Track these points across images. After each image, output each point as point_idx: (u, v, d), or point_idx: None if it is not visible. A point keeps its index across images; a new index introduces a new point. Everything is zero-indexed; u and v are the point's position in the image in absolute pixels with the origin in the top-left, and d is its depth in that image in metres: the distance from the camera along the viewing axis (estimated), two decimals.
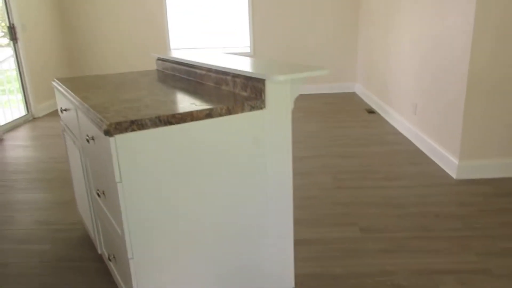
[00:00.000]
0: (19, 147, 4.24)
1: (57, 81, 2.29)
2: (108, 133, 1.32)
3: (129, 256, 1.46)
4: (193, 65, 2.14)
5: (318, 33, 6.33)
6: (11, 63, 5.20)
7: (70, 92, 1.93)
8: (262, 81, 1.60)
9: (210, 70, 1.98)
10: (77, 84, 2.14)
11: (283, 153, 1.72)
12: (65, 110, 2.14)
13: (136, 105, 1.57)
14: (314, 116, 5.11)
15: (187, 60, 2.18)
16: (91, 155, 1.76)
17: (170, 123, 1.43)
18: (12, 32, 5.04)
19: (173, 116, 1.43)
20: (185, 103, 1.58)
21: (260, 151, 1.66)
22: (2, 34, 5.31)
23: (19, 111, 5.36)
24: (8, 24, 5.03)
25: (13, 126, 5.05)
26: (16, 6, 5.01)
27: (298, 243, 2.30)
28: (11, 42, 5.08)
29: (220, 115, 1.52)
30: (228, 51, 6.40)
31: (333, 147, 3.91)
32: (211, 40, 6.42)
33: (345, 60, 6.46)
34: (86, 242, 2.37)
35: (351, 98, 6.09)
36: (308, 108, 5.56)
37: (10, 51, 5.10)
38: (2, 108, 5.14)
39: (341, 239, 2.33)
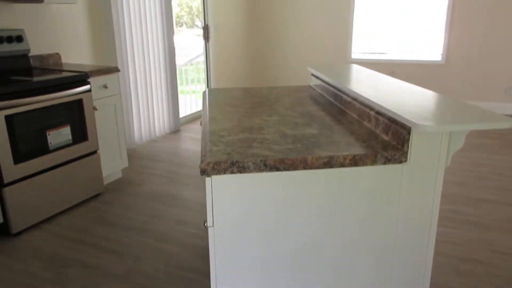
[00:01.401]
0: (192, 139, 4.62)
1: (206, 92, 2.30)
2: (204, 172, 1.17)
3: None
4: (339, 88, 1.85)
5: None
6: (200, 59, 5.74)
7: (206, 108, 1.87)
8: (407, 128, 1.21)
9: (355, 99, 1.66)
10: (220, 97, 2.09)
11: (423, 221, 1.30)
12: None
13: (253, 137, 1.39)
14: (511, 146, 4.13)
15: (330, 82, 1.90)
16: None
17: (277, 169, 1.20)
18: (206, 32, 5.53)
19: (282, 161, 1.19)
20: (309, 141, 1.32)
21: (392, 210, 1.28)
22: (199, 32, 5.89)
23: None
24: (203, 25, 5.54)
25: (194, 118, 5.59)
26: (212, 7, 5.47)
27: None
28: (204, 41, 5.59)
29: (342, 165, 1.21)
30: (416, 58, 5.73)
31: None
32: (398, 45, 5.84)
33: None
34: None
35: None
36: (506, 135, 4.54)
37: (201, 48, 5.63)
38: (190, 97, 5.74)
39: None
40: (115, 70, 3.14)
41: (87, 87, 2.86)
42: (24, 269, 2.23)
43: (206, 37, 5.56)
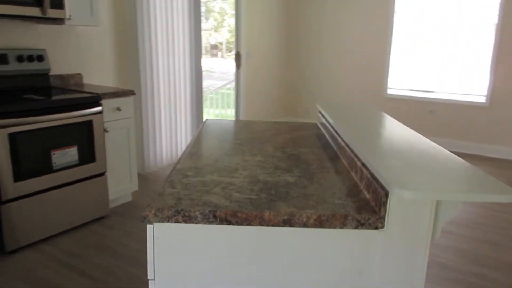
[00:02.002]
0: None
1: (203, 123, 2.19)
2: (145, 219, 1.04)
3: None
4: (336, 130, 1.67)
5: None
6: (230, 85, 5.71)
7: (192, 140, 1.76)
8: (385, 190, 1.03)
9: (347, 144, 1.48)
10: (215, 129, 1.97)
11: None
12: None
13: (220, 180, 1.25)
14: None
15: (330, 121, 1.73)
16: None
17: (229, 222, 1.04)
18: (237, 59, 5.52)
19: (234, 214, 1.04)
20: (279, 190, 1.16)
21: (363, 283, 1.08)
22: (232, 60, 5.89)
23: None
24: (235, 51, 5.53)
25: None
26: (244, 34, 5.46)
27: None
28: (235, 68, 5.58)
29: (305, 225, 1.04)
30: (457, 98, 5.38)
31: None
32: (438, 83, 5.54)
33: None
34: None
35: None
36: None
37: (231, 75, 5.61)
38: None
39: None
40: (130, 93, 3.12)
41: (98, 108, 2.85)
42: None
43: (238, 64, 5.55)
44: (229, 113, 6.59)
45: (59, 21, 2.93)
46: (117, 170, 3.14)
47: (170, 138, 4.43)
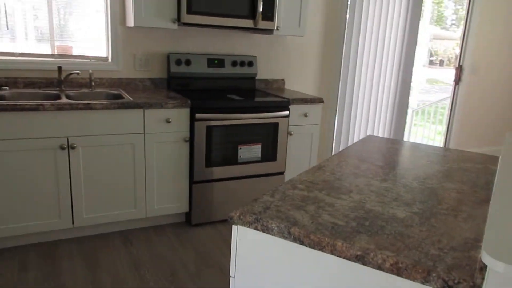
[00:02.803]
0: None
1: (366, 138, 2.09)
2: (231, 219, 1.12)
3: None
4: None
5: None
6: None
7: (328, 155, 1.72)
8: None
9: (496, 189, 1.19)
10: (371, 147, 1.87)
11: None
12: None
13: (323, 199, 1.21)
14: None
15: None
16: None
17: (301, 242, 1.02)
18: (458, 73, 4.93)
19: (307, 236, 1.01)
20: (376, 223, 1.06)
21: None
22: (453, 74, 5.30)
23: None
24: (456, 65, 4.95)
25: None
26: (472, 44, 4.82)
27: None
28: (453, 83, 5.00)
29: (380, 267, 0.92)
30: None
31: None
32: None
33: None
34: None
35: None
36: None
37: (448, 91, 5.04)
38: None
39: None
40: (319, 100, 3.24)
41: (285, 113, 3.08)
42: (180, 256, 2.63)
43: (457, 78, 4.96)
44: (439, 129, 5.97)
45: (269, 31, 3.29)
46: (295, 172, 3.32)
47: None
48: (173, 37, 3.23)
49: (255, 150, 3.05)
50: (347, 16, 3.86)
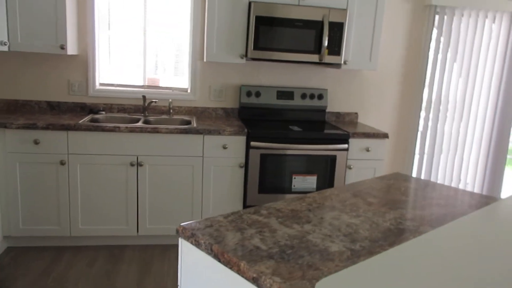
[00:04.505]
0: None
1: (395, 174, 1.99)
2: (177, 232, 1.25)
3: None
4: None
5: None
6: None
7: (337, 187, 1.71)
8: None
9: None
10: (378, 185, 1.80)
11: None
12: None
13: (272, 224, 1.26)
14: None
15: None
16: None
17: (219, 260, 1.10)
18: None
19: (222, 254, 1.08)
20: (298, 251, 1.08)
21: None
22: None
23: None
24: None
25: None
26: None
27: None
28: None
29: None
30: None
31: None
32: None
33: None
34: None
35: None
36: None
37: None
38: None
39: None
40: (383, 136, 3.13)
41: (344, 146, 3.05)
42: None
43: None
44: None
45: (336, 65, 3.33)
46: None
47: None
48: (245, 71, 3.50)
49: (310, 181, 3.07)
50: (431, 51, 3.67)
